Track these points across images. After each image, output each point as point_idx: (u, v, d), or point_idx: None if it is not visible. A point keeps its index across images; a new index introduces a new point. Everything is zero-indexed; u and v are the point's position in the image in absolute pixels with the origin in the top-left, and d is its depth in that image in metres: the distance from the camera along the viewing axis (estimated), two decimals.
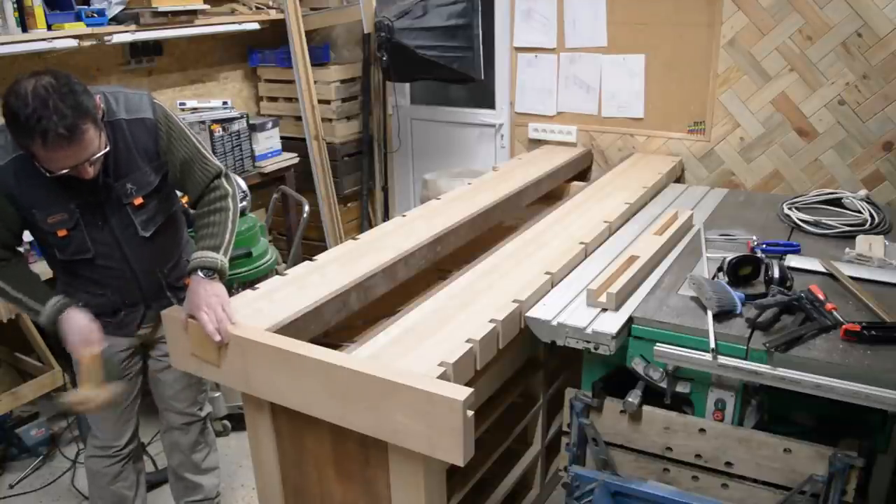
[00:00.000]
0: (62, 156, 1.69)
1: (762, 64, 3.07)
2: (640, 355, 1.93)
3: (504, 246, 2.38)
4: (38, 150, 1.66)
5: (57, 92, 1.64)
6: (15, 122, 1.64)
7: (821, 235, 2.48)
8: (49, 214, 1.86)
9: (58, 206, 1.86)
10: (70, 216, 1.88)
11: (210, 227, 1.98)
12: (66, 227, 1.88)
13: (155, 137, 1.93)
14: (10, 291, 1.91)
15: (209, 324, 1.74)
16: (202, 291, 1.80)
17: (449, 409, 1.46)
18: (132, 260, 2.01)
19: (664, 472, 1.98)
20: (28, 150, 1.69)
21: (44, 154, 1.67)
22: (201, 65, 3.96)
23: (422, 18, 3.36)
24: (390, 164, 4.21)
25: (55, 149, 1.66)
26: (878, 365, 1.67)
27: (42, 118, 1.61)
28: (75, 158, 1.71)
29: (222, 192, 2.02)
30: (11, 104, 1.64)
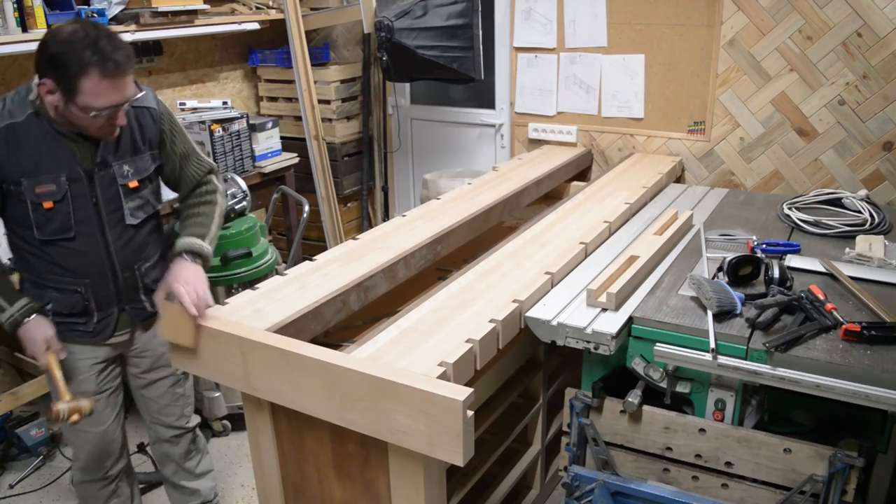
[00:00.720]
0: (114, 87, 1.71)
1: (762, 64, 3.07)
2: (640, 355, 1.93)
3: (504, 246, 2.39)
4: (92, 79, 1.67)
5: (102, 31, 1.70)
6: (68, 51, 1.64)
7: (821, 235, 2.48)
8: (38, 183, 1.81)
9: (47, 177, 1.81)
10: (58, 188, 1.83)
11: (198, 217, 2.04)
12: (54, 198, 1.82)
13: (159, 128, 1.99)
14: None
15: (186, 296, 1.72)
16: (184, 272, 1.84)
17: (449, 409, 1.46)
18: (113, 248, 1.95)
19: (664, 472, 1.98)
20: (75, 88, 1.67)
21: (96, 84, 1.68)
22: (201, 65, 3.96)
23: (422, 18, 3.36)
24: (390, 164, 4.22)
25: (110, 77, 1.68)
26: (878, 365, 1.67)
27: (99, 47, 1.65)
28: (122, 94, 1.74)
29: (212, 186, 2.11)
30: (63, 35, 1.66)
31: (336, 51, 4.28)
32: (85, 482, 2.18)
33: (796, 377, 1.70)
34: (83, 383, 2.04)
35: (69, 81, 1.68)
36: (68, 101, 1.71)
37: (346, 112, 4.10)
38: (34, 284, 1.96)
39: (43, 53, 1.69)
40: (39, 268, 1.94)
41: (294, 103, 4.03)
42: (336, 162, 4.07)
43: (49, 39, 1.68)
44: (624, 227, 2.64)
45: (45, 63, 1.69)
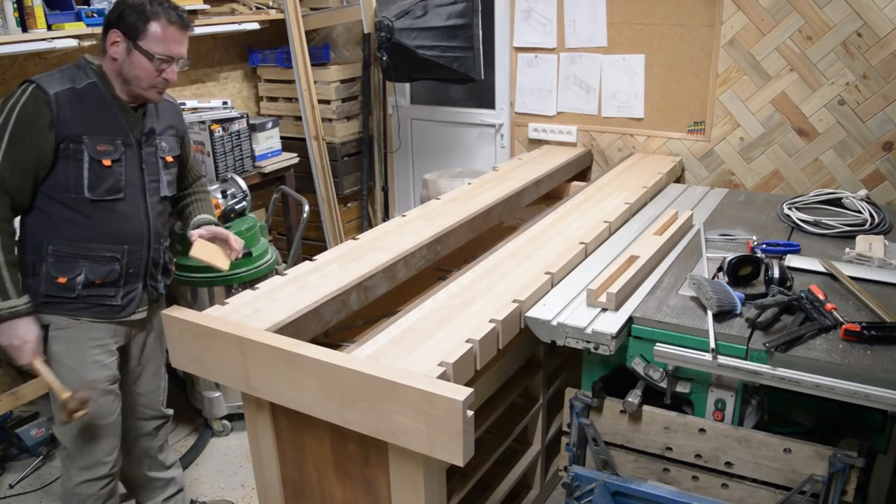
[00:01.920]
0: (178, 37, 1.95)
1: (762, 64, 3.08)
2: (640, 355, 1.93)
3: (504, 246, 2.39)
4: (159, 24, 1.90)
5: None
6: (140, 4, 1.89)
7: (821, 235, 2.48)
8: (99, 142, 1.94)
9: (106, 137, 1.95)
10: (115, 149, 1.97)
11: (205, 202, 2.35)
12: (112, 157, 1.96)
13: (181, 120, 2.24)
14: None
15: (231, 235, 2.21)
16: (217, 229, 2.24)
17: (449, 409, 1.46)
18: (151, 215, 2.08)
19: (664, 472, 1.98)
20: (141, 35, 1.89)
21: (162, 30, 1.91)
22: (201, 65, 3.96)
23: (422, 18, 3.36)
24: (390, 164, 4.22)
25: (175, 25, 1.94)
26: (878, 365, 1.67)
27: (167, 6, 1.94)
28: (182, 46, 1.98)
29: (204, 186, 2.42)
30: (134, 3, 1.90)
31: (336, 51, 4.28)
32: (87, 482, 2.14)
33: (796, 377, 1.70)
34: (105, 369, 2.08)
35: (137, 28, 1.88)
36: (132, 48, 1.90)
37: (346, 112, 4.10)
38: (62, 258, 1.97)
39: (115, 11, 1.92)
40: (75, 235, 1.97)
41: (294, 103, 4.03)
42: (336, 162, 4.07)
43: (119, 3, 1.93)
44: (624, 227, 2.64)
45: (115, 18, 1.90)
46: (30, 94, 1.86)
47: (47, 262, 1.97)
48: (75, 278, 1.97)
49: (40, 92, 1.87)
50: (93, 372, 2.06)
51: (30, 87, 1.88)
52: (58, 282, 1.97)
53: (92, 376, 2.05)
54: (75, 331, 2.03)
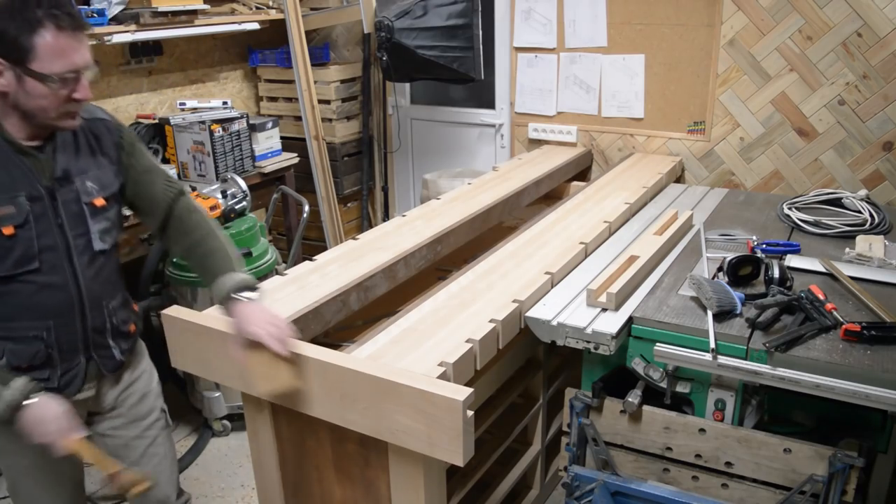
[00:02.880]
0: (72, 45, 1.44)
1: (762, 64, 3.07)
2: (640, 355, 1.93)
3: (504, 246, 2.39)
4: (46, 36, 1.41)
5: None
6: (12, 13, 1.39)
7: (821, 235, 2.48)
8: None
9: (5, 196, 1.50)
10: (19, 210, 1.51)
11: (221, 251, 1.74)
12: (15, 222, 1.50)
13: (117, 140, 1.70)
14: None
15: (270, 340, 1.54)
16: (246, 311, 1.60)
17: (449, 409, 1.46)
18: (82, 279, 1.62)
19: (664, 472, 1.98)
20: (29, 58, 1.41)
21: (53, 42, 1.41)
22: (201, 65, 3.96)
23: (422, 18, 3.36)
24: (390, 164, 4.22)
25: (67, 31, 1.43)
26: (878, 365, 1.67)
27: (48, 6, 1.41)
28: (82, 55, 1.47)
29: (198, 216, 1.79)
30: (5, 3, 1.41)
31: (336, 51, 4.28)
32: None
33: (796, 377, 1.70)
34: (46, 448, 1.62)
35: (21, 48, 1.40)
36: (22, 76, 1.43)
37: (346, 112, 4.10)
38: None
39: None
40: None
41: (294, 103, 4.03)
42: (336, 162, 4.07)
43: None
44: (624, 227, 2.64)
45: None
46: None
47: None
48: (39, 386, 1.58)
49: None
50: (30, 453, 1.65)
51: None
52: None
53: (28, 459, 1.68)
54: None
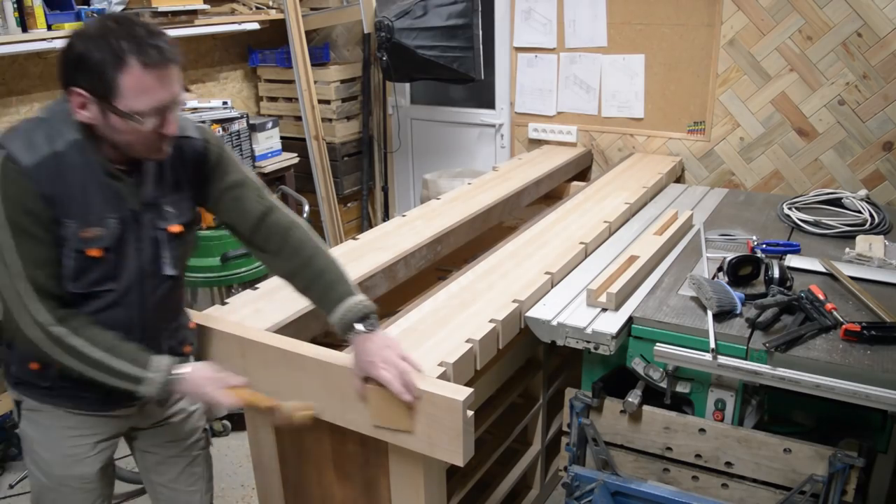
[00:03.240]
0: (160, 81, 1.36)
1: (762, 64, 3.07)
2: (640, 355, 1.93)
3: (504, 246, 2.39)
4: (136, 79, 1.33)
5: (135, 19, 1.39)
6: (99, 45, 1.32)
7: (821, 235, 2.48)
8: (85, 226, 1.42)
9: (96, 217, 1.43)
10: (108, 233, 1.45)
11: (328, 274, 1.59)
12: (102, 245, 1.44)
13: (203, 160, 1.59)
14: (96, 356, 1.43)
15: (394, 382, 1.46)
16: (371, 346, 1.49)
17: (449, 409, 1.46)
18: (148, 303, 1.56)
19: (664, 472, 1.97)
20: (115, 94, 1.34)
21: (139, 79, 1.33)
22: (201, 65, 3.96)
23: (422, 18, 3.36)
24: (390, 164, 4.21)
25: (154, 67, 1.34)
26: (878, 365, 1.67)
27: (136, 33, 1.34)
28: (170, 90, 1.39)
29: (302, 229, 1.63)
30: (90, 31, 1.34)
31: (336, 51, 4.28)
32: None
33: (796, 377, 1.70)
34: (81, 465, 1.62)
35: (105, 83, 1.34)
36: (107, 111, 1.37)
37: (346, 112, 4.10)
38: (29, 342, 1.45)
39: (68, 56, 1.35)
40: None
41: (294, 103, 4.03)
42: (336, 162, 4.07)
43: (74, 39, 1.36)
44: (624, 227, 2.64)
45: (72, 67, 1.35)
46: (5, 173, 1.36)
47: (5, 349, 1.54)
48: (47, 369, 1.52)
49: (13, 164, 1.35)
50: (63, 467, 1.61)
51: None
52: (30, 367, 1.52)
53: (61, 472, 1.62)
54: (47, 416, 1.59)
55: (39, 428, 1.61)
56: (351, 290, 1.57)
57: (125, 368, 1.44)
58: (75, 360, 1.43)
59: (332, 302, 1.56)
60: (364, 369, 1.50)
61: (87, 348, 1.42)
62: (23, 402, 1.61)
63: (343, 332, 1.54)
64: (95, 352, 1.43)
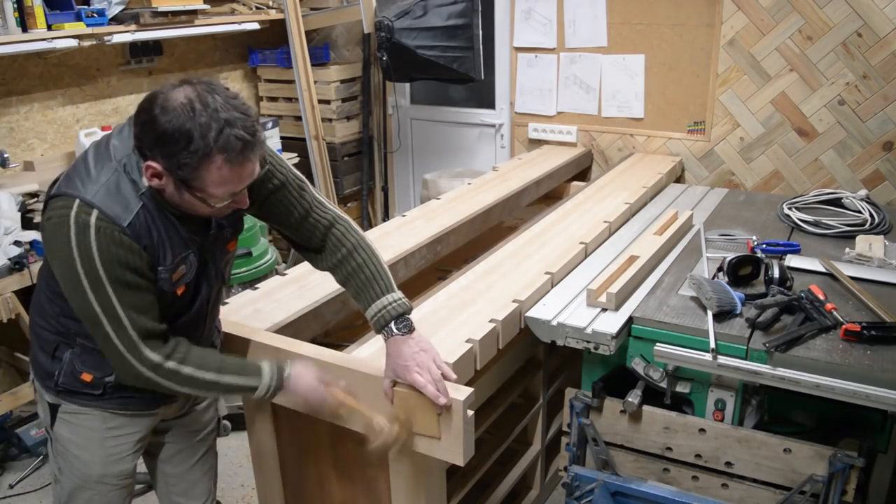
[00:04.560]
0: (245, 171, 1.33)
1: (762, 64, 3.07)
2: (640, 355, 1.93)
3: (504, 246, 2.38)
4: (218, 170, 1.29)
5: (221, 95, 1.30)
6: (182, 140, 1.26)
7: (821, 235, 2.48)
8: (174, 270, 1.44)
9: (180, 258, 1.44)
10: (189, 269, 1.47)
11: (365, 270, 1.57)
12: (186, 281, 1.48)
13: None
14: (209, 378, 1.46)
15: (429, 386, 1.44)
16: (406, 350, 1.48)
17: (449, 409, 1.46)
18: (209, 318, 1.62)
19: (664, 472, 1.97)
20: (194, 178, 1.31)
21: (224, 174, 1.30)
22: (201, 65, 3.96)
23: (422, 18, 3.36)
24: (390, 164, 4.21)
25: (241, 161, 1.31)
26: (878, 365, 1.67)
27: (224, 127, 1.27)
28: (252, 173, 1.36)
29: (343, 224, 1.62)
30: (171, 121, 1.26)
31: (336, 51, 4.28)
32: None
33: (796, 377, 1.70)
34: (122, 462, 1.64)
35: (186, 170, 1.30)
36: (182, 189, 1.34)
37: (346, 112, 4.10)
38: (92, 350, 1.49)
39: (149, 127, 1.28)
40: None
41: (294, 103, 4.03)
42: (336, 162, 4.07)
43: (157, 110, 1.27)
44: (624, 227, 2.63)
45: (151, 140, 1.29)
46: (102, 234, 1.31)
47: (73, 349, 1.52)
48: (104, 378, 1.53)
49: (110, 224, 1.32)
50: (104, 466, 1.62)
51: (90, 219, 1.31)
52: (81, 378, 1.52)
53: (102, 471, 1.62)
54: (89, 418, 1.59)
55: (79, 430, 1.60)
56: (388, 288, 1.55)
57: (238, 382, 1.49)
58: (190, 387, 1.46)
59: (368, 299, 1.55)
60: (397, 373, 1.48)
61: (199, 373, 1.45)
62: (61, 406, 1.59)
63: (378, 329, 1.54)
64: (208, 374, 1.46)
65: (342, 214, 1.65)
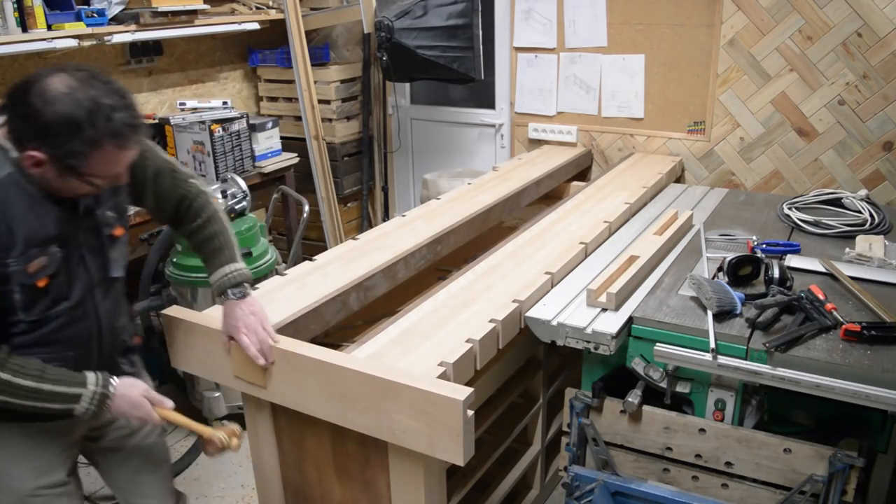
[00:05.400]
0: (130, 154, 1.40)
1: (762, 64, 3.07)
2: (640, 355, 1.93)
3: (504, 246, 2.39)
4: (107, 155, 1.35)
5: (98, 80, 1.34)
6: (69, 130, 1.29)
7: (821, 235, 2.48)
8: (29, 260, 1.40)
9: (37, 249, 1.42)
10: (51, 260, 1.44)
11: (215, 240, 1.71)
12: (48, 273, 1.44)
13: None
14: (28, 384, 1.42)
15: (251, 347, 1.62)
16: (238, 312, 1.64)
17: (449, 409, 1.46)
18: (100, 308, 1.59)
19: (664, 472, 1.98)
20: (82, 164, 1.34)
21: (113, 159, 1.37)
22: (201, 65, 3.96)
23: (422, 18, 3.36)
24: (390, 164, 4.21)
25: (129, 146, 1.38)
26: (878, 365, 1.67)
27: (111, 113, 1.32)
28: (132, 156, 1.43)
29: (204, 197, 1.74)
30: (55, 111, 1.29)
31: (336, 51, 4.28)
32: None
33: (796, 377, 1.70)
34: (51, 474, 1.62)
35: (73, 156, 1.33)
36: (65, 174, 1.37)
37: (346, 112, 4.10)
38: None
39: (29, 120, 1.29)
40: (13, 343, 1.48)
41: (294, 103, 4.03)
42: (336, 162, 4.07)
43: (37, 102, 1.28)
44: (624, 227, 2.64)
45: (32, 133, 1.30)
46: None
47: None
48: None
49: None
50: (35, 479, 1.59)
51: None
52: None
53: (34, 484, 1.59)
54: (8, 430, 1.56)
55: (2, 445, 1.57)
56: (231, 259, 1.70)
57: (60, 389, 1.47)
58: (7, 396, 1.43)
59: (213, 266, 1.70)
60: (229, 331, 1.66)
61: (17, 378, 1.42)
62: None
63: (217, 294, 1.68)
64: (25, 381, 1.43)
65: (203, 189, 1.75)
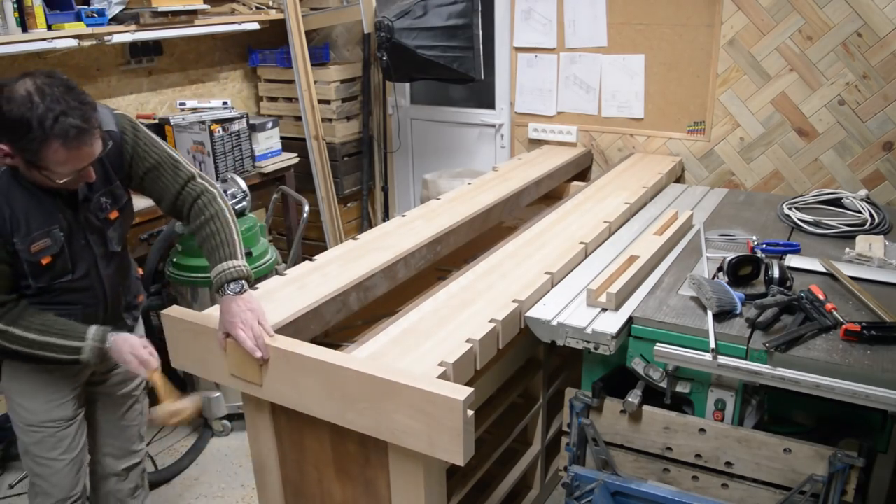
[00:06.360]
0: (82, 153, 1.58)
1: (762, 64, 3.07)
2: (640, 355, 1.93)
3: (504, 246, 2.38)
4: (56, 153, 1.54)
5: (59, 86, 1.54)
6: (23, 128, 1.51)
7: (821, 235, 2.48)
8: (32, 242, 1.67)
9: (40, 232, 1.68)
10: (54, 241, 1.71)
11: (216, 237, 1.81)
12: (51, 253, 1.70)
13: (122, 150, 1.80)
14: (35, 338, 1.71)
15: (248, 341, 1.65)
16: (235, 308, 1.68)
17: (449, 409, 1.46)
18: (104, 277, 1.85)
19: (664, 472, 1.98)
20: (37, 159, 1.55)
21: (62, 156, 1.55)
22: (201, 65, 3.96)
23: (422, 18, 3.36)
24: (390, 164, 4.22)
25: (77, 146, 1.55)
26: (878, 365, 1.67)
27: (59, 115, 1.51)
28: (91, 154, 1.60)
29: (208, 196, 1.86)
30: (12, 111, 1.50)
31: (336, 51, 4.28)
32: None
33: (796, 377, 1.70)
34: (62, 409, 1.92)
35: (30, 152, 1.55)
36: (31, 167, 1.60)
37: (346, 112, 4.10)
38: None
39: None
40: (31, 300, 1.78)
41: (294, 103, 4.03)
42: (336, 162, 4.07)
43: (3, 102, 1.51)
44: (624, 227, 2.64)
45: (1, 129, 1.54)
46: None
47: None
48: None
49: None
50: (47, 412, 1.90)
51: None
52: None
53: (45, 417, 1.90)
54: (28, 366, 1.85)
55: (21, 379, 1.86)
56: (231, 255, 1.77)
57: (62, 342, 1.73)
58: (19, 346, 1.71)
59: (213, 262, 1.78)
60: (226, 327, 1.69)
61: (26, 333, 1.71)
62: (4, 362, 1.85)
63: (215, 290, 1.74)
64: (32, 335, 1.71)
65: (210, 187, 1.88)
